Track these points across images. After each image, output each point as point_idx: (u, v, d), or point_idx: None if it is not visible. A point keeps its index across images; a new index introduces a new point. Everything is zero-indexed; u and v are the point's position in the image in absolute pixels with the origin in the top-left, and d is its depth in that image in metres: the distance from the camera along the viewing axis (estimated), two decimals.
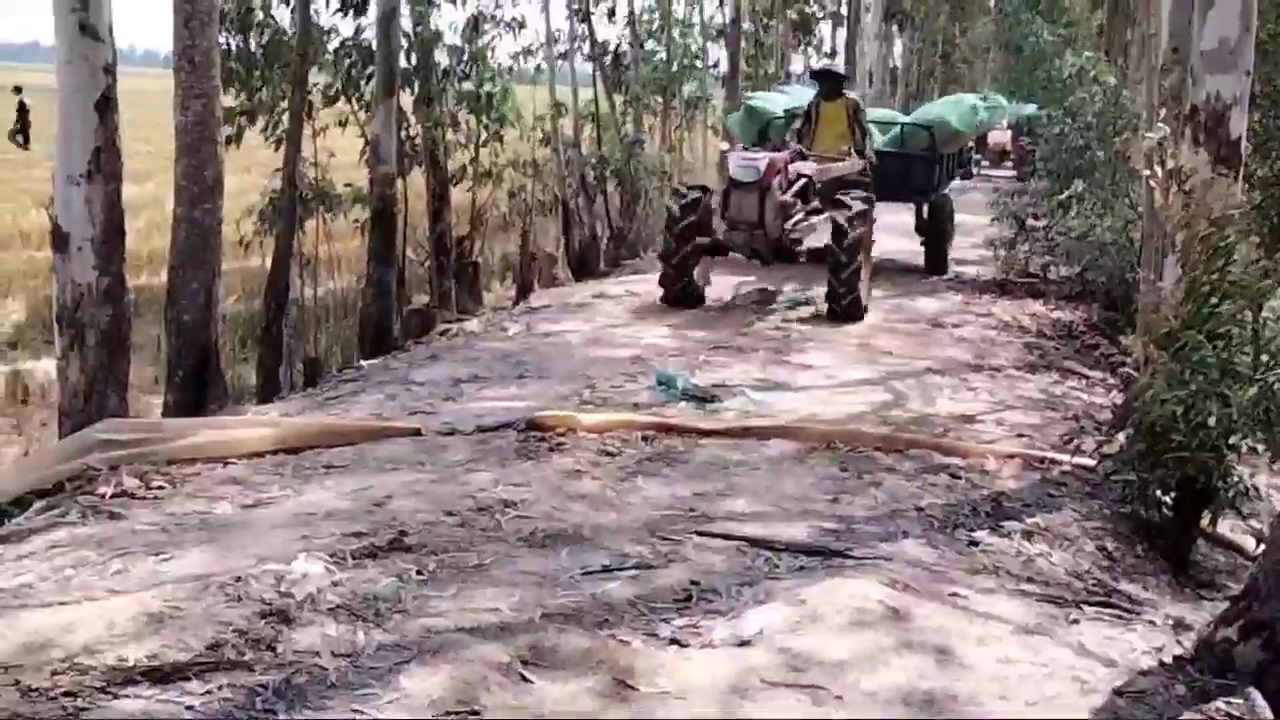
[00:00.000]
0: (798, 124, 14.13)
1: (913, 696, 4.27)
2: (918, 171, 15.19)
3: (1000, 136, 30.92)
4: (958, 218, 16.16)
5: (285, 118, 16.18)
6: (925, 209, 15.72)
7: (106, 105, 8.21)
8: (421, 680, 4.22)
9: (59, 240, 8.49)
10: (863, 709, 4.18)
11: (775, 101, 16.68)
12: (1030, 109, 26.56)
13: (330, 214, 19.05)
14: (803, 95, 15.57)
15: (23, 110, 28.89)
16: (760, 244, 11.77)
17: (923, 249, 15.83)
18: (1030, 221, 16.68)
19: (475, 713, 4.05)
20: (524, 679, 4.31)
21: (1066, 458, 7.19)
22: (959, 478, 6.90)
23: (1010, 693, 4.32)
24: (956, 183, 16.88)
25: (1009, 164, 30.34)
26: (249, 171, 21.96)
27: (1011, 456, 7.34)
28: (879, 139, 15.12)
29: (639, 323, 11.26)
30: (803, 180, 12.29)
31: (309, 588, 4.93)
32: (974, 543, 5.86)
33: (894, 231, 15.48)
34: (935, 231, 15.69)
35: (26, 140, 28.45)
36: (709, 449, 7.16)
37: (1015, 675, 4.46)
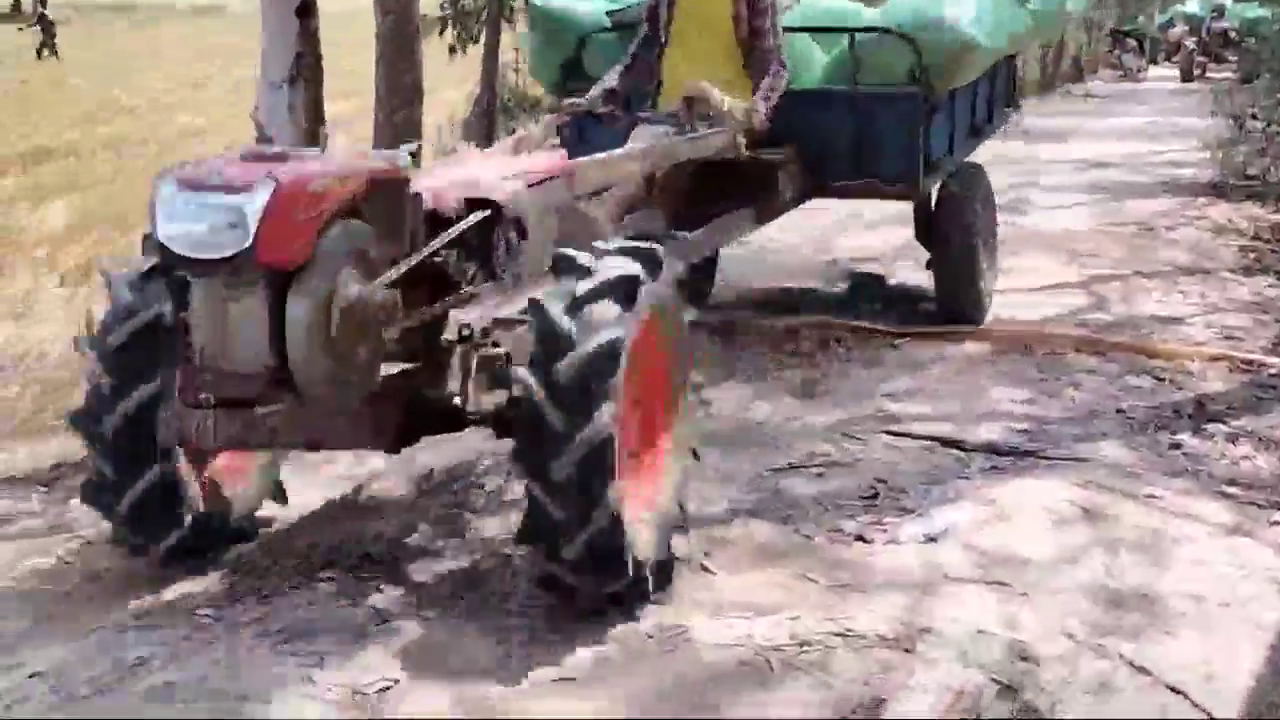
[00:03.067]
0: (639, 36, 6.73)
1: (1100, 595, 4.18)
2: (889, 133, 6.81)
3: (1223, 22, 29.22)
4: (1175, 120, 14.73)
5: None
6: (929, 202, 7.60)
7: (306, 11, 8.31)
8: None
9: (263, 144, 8.68)
10: (1049, 605, 4.10)
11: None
12: (1255, 8, 25.44)
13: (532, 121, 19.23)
14: None
15: (46, 25, 30.34)
16: (291, 428, 4.01)
17: (936, 271, 7.65)
18: (1249, 122, 15.96)
19: (659, 601, 4.08)
20: (705, 569, 4.35)
21: (1277, 360, 6.92)
22: (1162, 380, 6.66)
23: (1205, 592, 4.19)
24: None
25: (1230, 58, 28.70)
26: (466, 81, 22.24)
27: (1218, 358, 7.07)
28: (813, 66, 7.15)
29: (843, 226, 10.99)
30: (477, 217, 4.13)
31: None
32: (1175, 445, 5.67)
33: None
34: (949, 248, 7.49)
35: (54, 50, 30.03)
36: (901, 350, 7.07)
37: (1210, 575, 4.33)
